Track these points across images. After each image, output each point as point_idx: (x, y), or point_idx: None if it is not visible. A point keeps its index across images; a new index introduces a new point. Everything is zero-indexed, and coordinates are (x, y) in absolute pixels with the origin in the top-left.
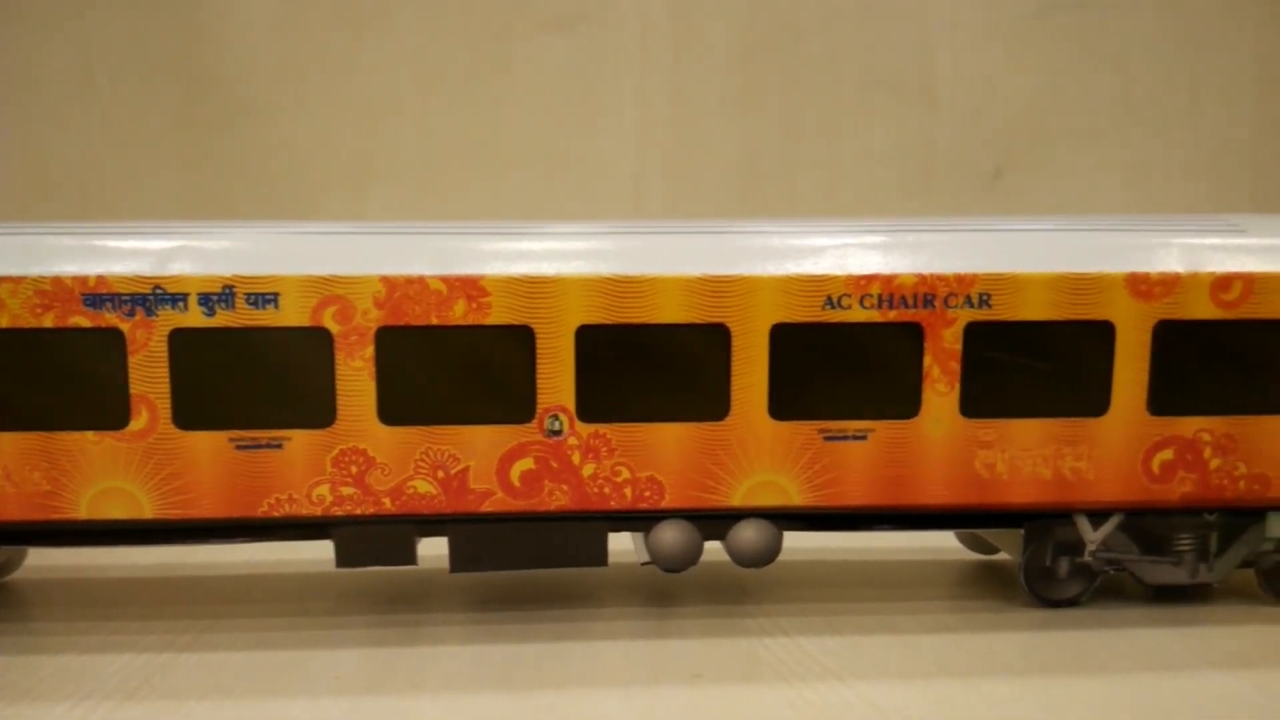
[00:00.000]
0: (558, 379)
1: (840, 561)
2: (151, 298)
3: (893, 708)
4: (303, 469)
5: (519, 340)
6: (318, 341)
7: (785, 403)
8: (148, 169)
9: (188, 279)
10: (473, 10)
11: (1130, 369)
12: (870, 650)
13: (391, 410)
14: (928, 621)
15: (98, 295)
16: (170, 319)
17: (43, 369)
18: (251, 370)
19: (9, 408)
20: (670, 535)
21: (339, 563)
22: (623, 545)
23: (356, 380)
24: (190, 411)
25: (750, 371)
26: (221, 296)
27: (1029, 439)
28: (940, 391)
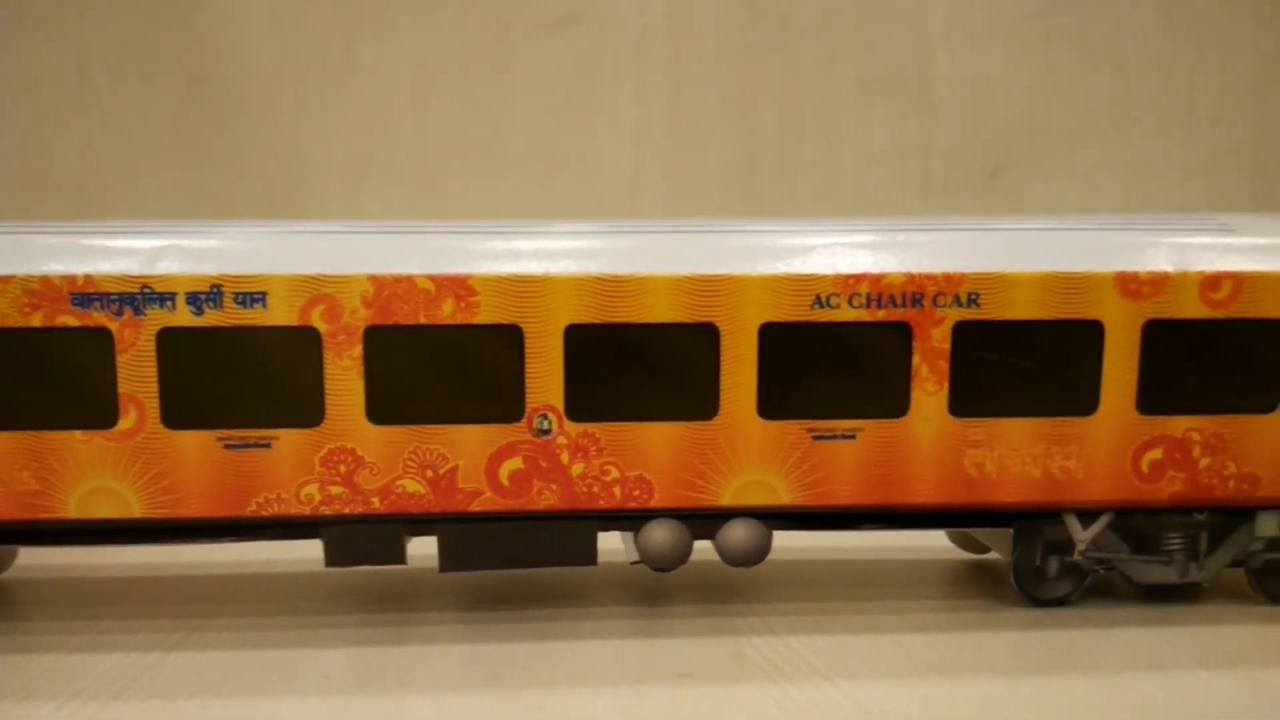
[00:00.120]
0: (546, 378)
1: (830, 561)
2: (139, 297)
3: (879, 707)
4: (291, 468)
5: (507, 339)
6: (306, 341)
7: (774, 402)
8: (146, 169)
9: (176, 278)
10: (471, 10)
11: (1119, 368)
12: (859, 649)
13: (380, 409)
14: (917, 621)
15: (86, 294)
16: (158, 318)
17: (31, 368)
18: (240, 369)
19: None
20: (659, 534)
21: (328, 562)
22: (612, 544)
23: (345, 379)
24: (178, 411)
25: (739, 371)
26: (209, 296)
27: (1018, 438)
28: (929, 391)
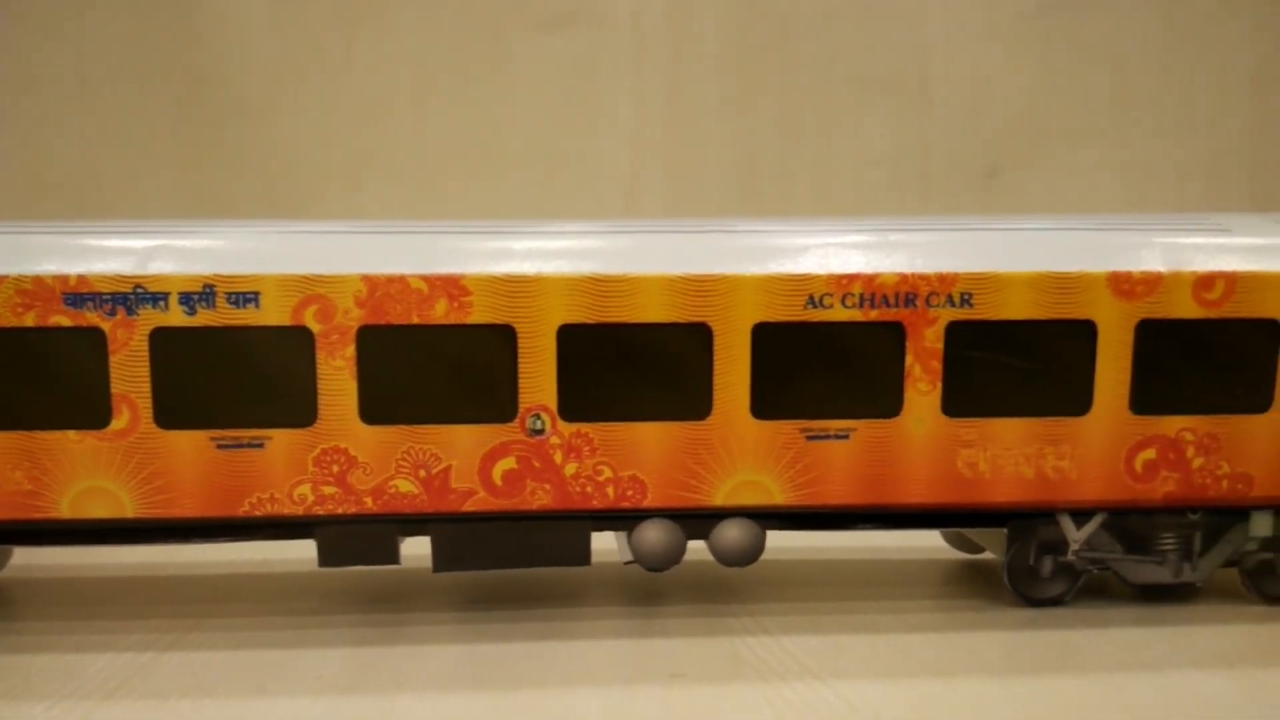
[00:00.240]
0: (539, 378)
1: (824, 561)
2: (132, 297)
3: (871, 707)
4: (284, 468)
5: (501, 339)
6: (299, 341)
7: (767, 402)
8: (145, 169)
9: (168, 278)
10: (469, 10)
11: (1112, 368)
12: (852, 649)
13: (373, 409)
14: (910, 621)
15: (79, 294)
16: (151, 318)
17: (24, 368)
18: (233, 369)
19: None
20: (653, 534)
21: (321, 562)
22: (606, 544)
23: (338, 379)
24: (171, 411)
25: (732, 371)
26: (202, 296)
27: (1011, 438)
28: (922, 391)
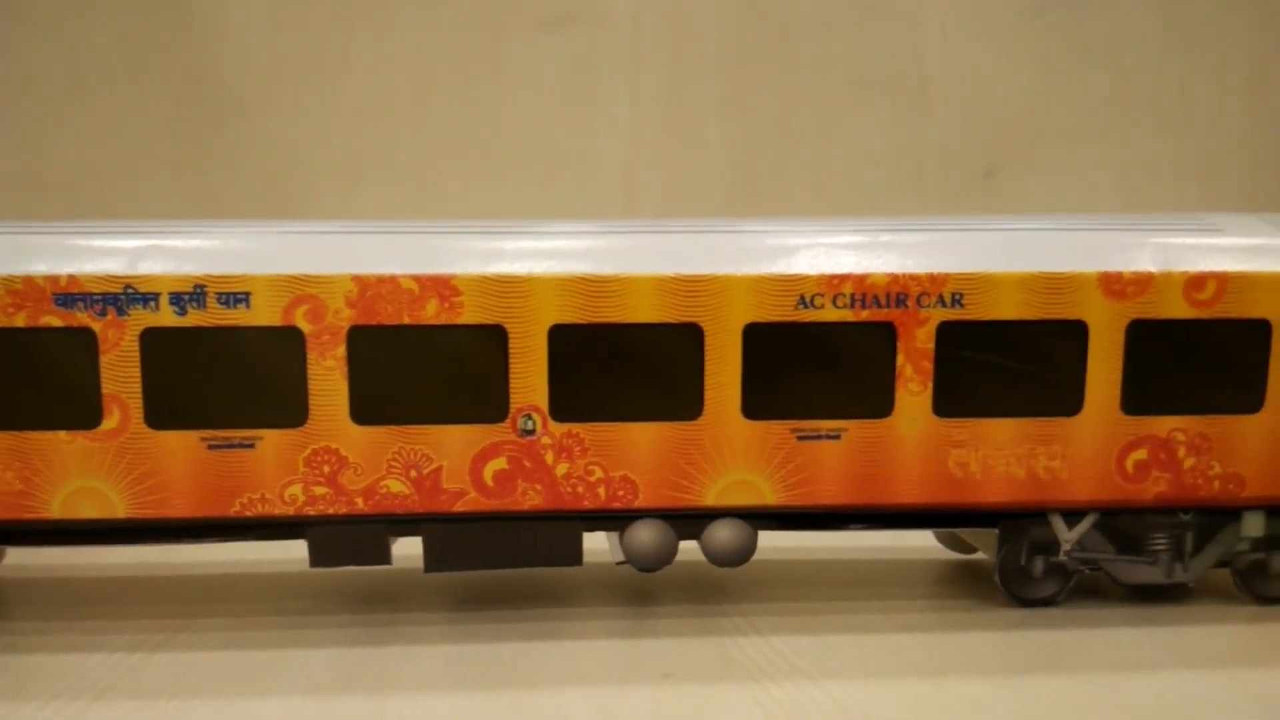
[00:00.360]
0: (531, 378)
1: (817, 561)
2: (123, 297)
3: (861, 706)
4: (275, 469)
5: (492, 340)
6: (289, 341)
7: (758, 402)
8: (144, 169)
9: (159, 278)
10: (468, 10)
11: (1103, 368)
12: (843, 649)
13: (364, 410)
14: (902, 621)
15: (69, 295)
16: (142, 318)
17: (14, 368)
18: (223, 370)
19: None
20: (645, 535)
21: (313, 562)
22: (598, 544)
23: (328, 380)
24: (162, 411)
25: (723, 371)
26: (193, 296)
27: (1002, 438)
28: (913, 391)
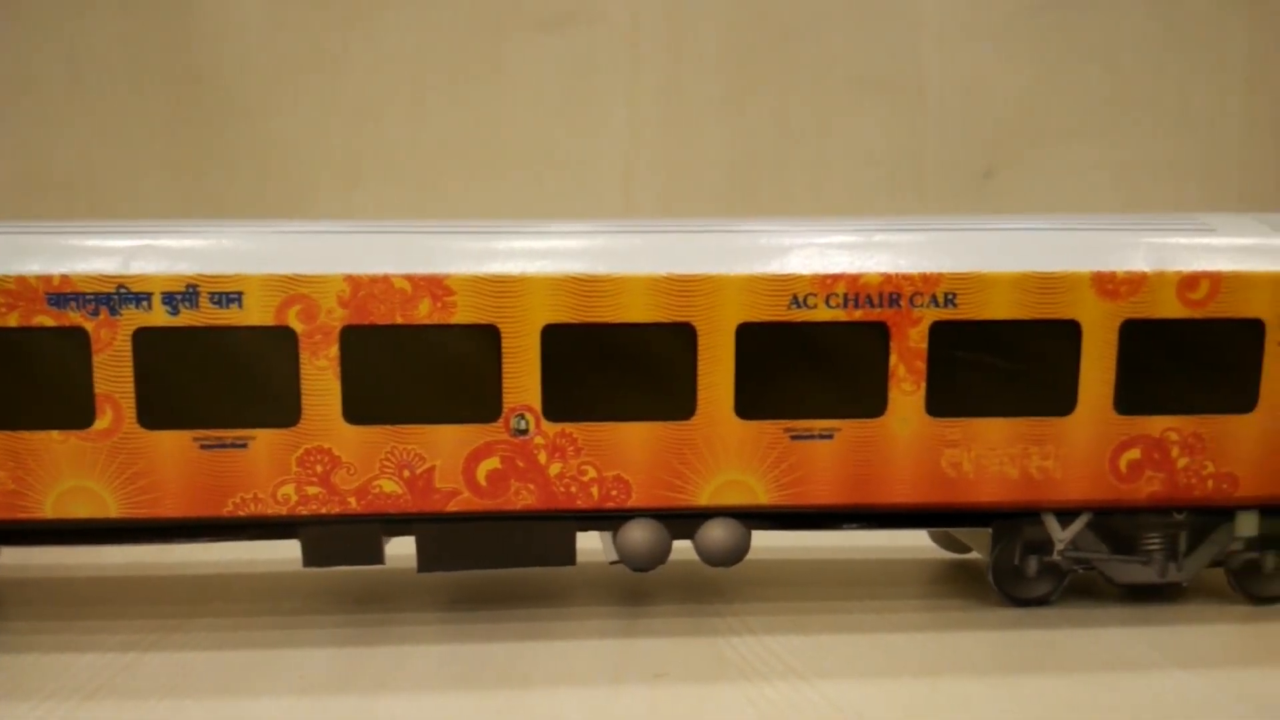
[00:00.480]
0: (524, 378)
1: (812, 560)
2: (115, 297)
3: (853, 706)
4: (268, 468)
5: (484, 340)
6: (282, 341)
7: (751, 402)
8: (142, 169)
9: (152, 278)
10: (466, 9)
11: (1097, 368)
12: (836, 649)
13: (356, 410)
14: (896, 620)
15: (62, 294)
16: (134, 318)
17: (7, 368)
18: (216, 369)
19: None
20: (638, 534)
21: (306, 562)
22: (591, 544)
23: (321, 379)
24: (155, 411)
25: (716, 371)
26: (185, 296)
27: (995, 438)
28: (906, 391)
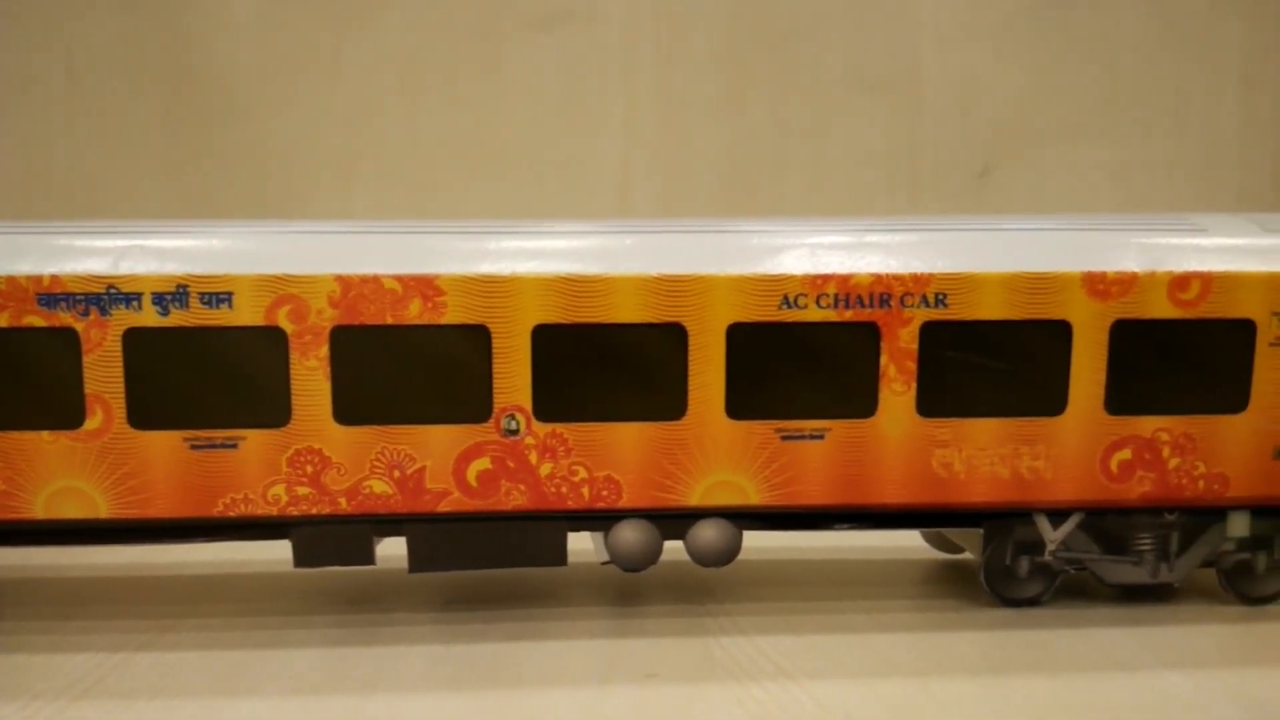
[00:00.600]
0: (514, 378)
1: (804, 561)
2: (105, 297)
3: (842, 706)
4: (258, 469)
5: (475, 340)
6: (272, 341)
7: (742, 402)
8: (136, 169)
9: (141, 278)
10: (460, 9)
11: (1088, 368)
12: (826, 649)
13: (347, 410)
14: (886, 621)
15: (52, 295)
16: (124, 318)
17: None
18: (206, 370)
19: None
20: (629, 535)
21: (297, 563)
22: (582, 544)
23: (311, 380)
24: (145, 411)
25: (707, 371)
26: (175, 296)
27: (986, 438)
28: (897, 391)
